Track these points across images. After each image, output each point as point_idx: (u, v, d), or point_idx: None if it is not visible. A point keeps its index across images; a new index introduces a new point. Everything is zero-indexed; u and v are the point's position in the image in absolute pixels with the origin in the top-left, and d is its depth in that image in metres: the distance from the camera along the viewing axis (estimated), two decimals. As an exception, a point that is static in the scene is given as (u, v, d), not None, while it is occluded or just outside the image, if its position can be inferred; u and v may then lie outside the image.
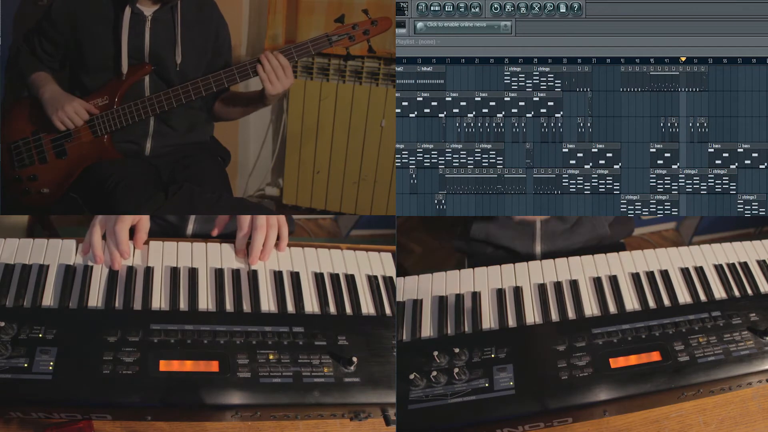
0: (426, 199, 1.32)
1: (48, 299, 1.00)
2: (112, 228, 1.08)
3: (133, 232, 1.13)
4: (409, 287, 1.18)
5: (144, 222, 1.13)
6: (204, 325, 1.00)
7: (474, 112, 1.38)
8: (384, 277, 1.17)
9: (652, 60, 1.35)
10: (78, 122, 1.41)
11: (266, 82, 1.39)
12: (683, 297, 1.10)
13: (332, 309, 1.09)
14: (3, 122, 1.50)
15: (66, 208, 1.53)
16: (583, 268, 1.17)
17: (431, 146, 1.33)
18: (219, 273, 1.09)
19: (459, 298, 1.13)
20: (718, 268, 1.15)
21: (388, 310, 1.12)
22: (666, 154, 1.35)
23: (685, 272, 1.14)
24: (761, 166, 1.35)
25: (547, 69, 1.35)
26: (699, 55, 1.36)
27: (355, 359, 0.98)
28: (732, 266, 1.15)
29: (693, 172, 1.32)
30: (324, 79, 2.24)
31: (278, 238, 1.17)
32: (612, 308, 1.09)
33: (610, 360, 0.98)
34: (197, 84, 1.42)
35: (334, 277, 1.14)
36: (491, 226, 1.35)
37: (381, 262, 1.21)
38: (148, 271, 1.07)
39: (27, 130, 1.49)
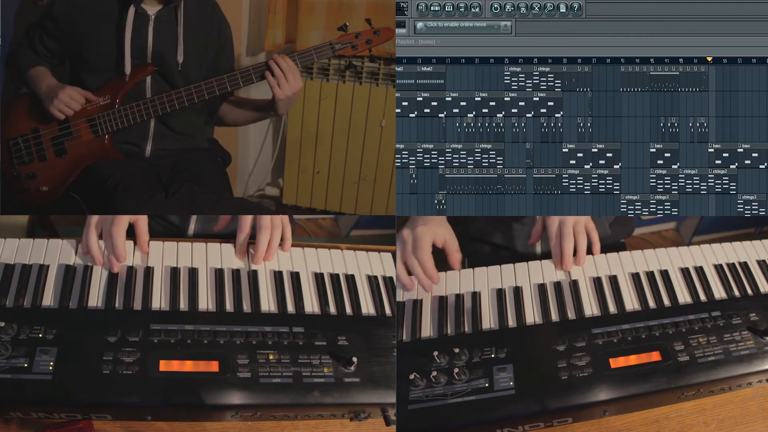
0: (426, 199, 1.32)
1: (48, 299, 1.00)
2: (108, 231, 1.07)
3: (133, 235, 1.12)
4: (409, 287, 1.17)
5: (142, 223, 1.11)
6: (204, 325, 1.00)
7: (474, 112, 1.38)
8: (384, 277, 1.17)
9: (652, 60, 1.35)
10: (75, 107, 1.40)
11: (275, 87, 1.38)
12: (683, 297, 1.10)
13: (332, 309, 1.09)
14: (2, 118, 1.49)
15: (66, 208, 1.52)
16: (583, 268, 1.17)
17: (431, 146, 1.33)
18: (219, 273, 1.09)
19: (459, 298, 1.13)
20: (718, 268, 1.15)
21: (388, 310, 1.12)
22: (666, 154, 1.35)
23: (685, 272, 1.14)
24: (761, 166, 1.34)
25: (547, 69, 1.35)
26: (699, 55, 1.36)
27: (355, 359, 0.98)
28: (732, 266, 1.15)
29: (693, 172, 1.32)
30: (324, 80, 2.24)
31: (282, 238, 1.17)
32: (612, 308, 1.09)
33: (610, 360, 0.98)
34: (200, 87, 1.41)
35: (334, 277, 1.14)
36: (492, 225, 1.35)
37: (381, 262, 1.21)
38: (148, 271, 1.07)
39: (26, 127, 1.49)
